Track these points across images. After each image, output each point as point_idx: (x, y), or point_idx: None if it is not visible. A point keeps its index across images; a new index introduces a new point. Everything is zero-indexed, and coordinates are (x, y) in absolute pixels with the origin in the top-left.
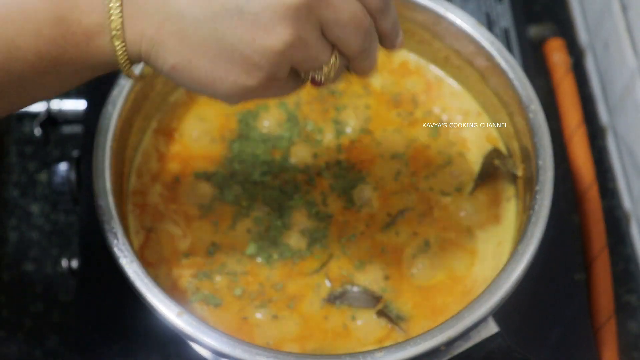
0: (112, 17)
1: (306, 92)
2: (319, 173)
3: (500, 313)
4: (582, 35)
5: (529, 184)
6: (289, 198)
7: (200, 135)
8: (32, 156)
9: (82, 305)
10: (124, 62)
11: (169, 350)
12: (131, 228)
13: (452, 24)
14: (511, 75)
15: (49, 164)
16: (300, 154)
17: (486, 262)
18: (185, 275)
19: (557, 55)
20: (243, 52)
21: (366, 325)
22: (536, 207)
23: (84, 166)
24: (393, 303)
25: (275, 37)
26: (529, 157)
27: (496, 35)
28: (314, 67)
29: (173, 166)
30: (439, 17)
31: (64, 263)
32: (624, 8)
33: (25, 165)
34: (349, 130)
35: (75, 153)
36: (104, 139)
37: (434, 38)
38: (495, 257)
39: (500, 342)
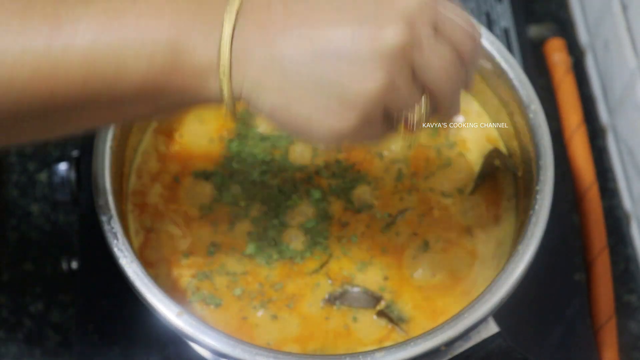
0: (222, 57)
1: None
2: (318, 172)
3: (500, 313)
4: (582, 35)
5: (529, 184)
6: (287, 198)
7: (200, 135)
8: (32, 156)
9: (82, 305)
10: (228, 102)
11: (169, 350)
12: (131, 228)
13: None
14: (511, 75)
15: (49, 164)
16: (299, 154)
17: (486, 262)
18: (185, 275)
19: (557, 55)
20: (340, 94)
21: (366, 325)
22: (536, 207)
23: (84, 166)
24: (393, 303)
25: (372, 79)
26: (529, 157)
27: (496, 35)
28: (407, 108)
29: (173, 166)
30: None
31: (64, 263)
32: (624, 8)
33: (25, 165)
34: None
35: (75, 153)
36: (103, 139)
37: None
38: (495, 257)
39: (500, 342)
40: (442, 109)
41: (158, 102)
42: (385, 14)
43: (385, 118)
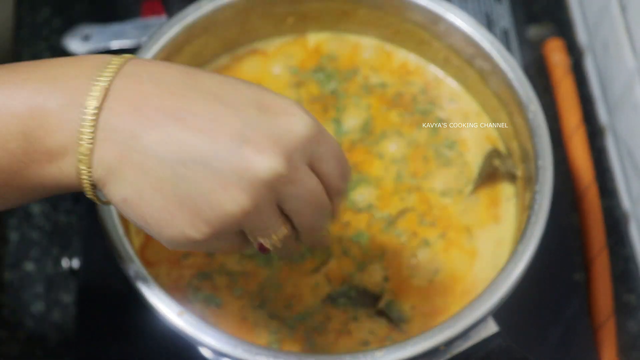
0: (82, 142)
1: (306, 92)
2: None
3: (500, 313)
4: (582, 36)
5: (529, 184)
6: None
7: None
8: None
9: (82, 305)
10: (87, 186)
11: (169, 351)
12: (131, 228)
13: (452, 24)
14: (511, 75)
15: None
16: None
17: (486, 262)
18: (185, 275)
19: (556, 55)
20: (197, 202)
21: (366, 325)
22: (536, 207)
23: None
24: (393, 303)
25: (233, 200)
26: (528, 157)
27: (496, 36)
28: (263, 235)
29: None
30: (439, 17)
31: (65, 263)
32: (623, 8)
33: None
34: (349, 130)
35: None
36: None
37: (434, 38)
38: (495, 257)
39: (500, 342)
40: (304, 237)
41: (21, 189)
42: (267, 137)
43: (240, 235)
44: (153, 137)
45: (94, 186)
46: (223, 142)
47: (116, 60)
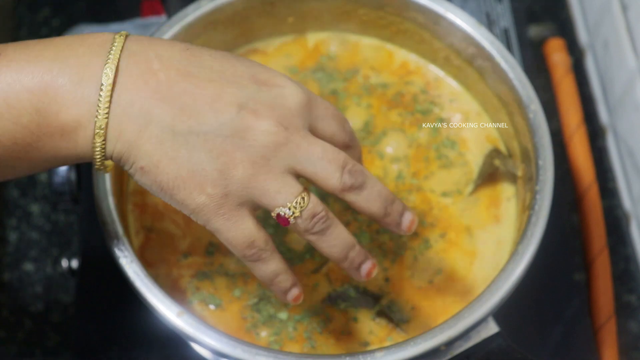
0: (99, 116)
1: None
2: None
3: (500, 313)
4: (582, 35)
5: (529, 184)
6: None
7: None
8: None
9: (82, 305)
10: (99, 157)
11: (169, 350)
12: (131, 228)
13: (452, 24)
14: (511, 75)
15: None
16: None
17: (486, 262)
18: (185, 275)
19: (557, 55)
20: (207, 168)
21: (366, 325)
22: (536, 207)
23: (84, 166)
24: (393, 303)
25: (238, 164)
26: (529, 157)
27: (496, 35)
28: (278, 204)
29: None
30: (439, 17)
31: (64, 263)
32: (624, 8)
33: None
34: None
35: None
36: None
37: (434, 38)
38: (495, 257)
39: (500, 342)
40: (351, 201)
41: (33, 161)
42: (264, 106)
43: (252, 213)
44: (166, 111)
45: (104, 157)
46: (228, 113)
47: (118, 38)
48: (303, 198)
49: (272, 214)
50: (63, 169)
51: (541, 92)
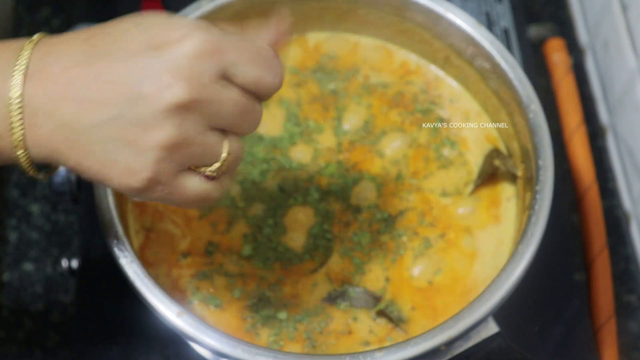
0: (14, 130)
1: (306, 92)
2: (319, 172)
3: (500, 313)
4: (582, 35)
5: (529, 184)
6: (288, 197)
7: None
8: None
9: (82, 305)
10: (27, 167)
11: (169, 350)
12: (131, 228)
13: (452, 24)
14: (511, 75)
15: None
16: (300, 153)
17: (486, 262)
18: (185, 275)
19: (557, 55)
20: (124, 154)
21: (366, 325)
22: (536, 207)
23: None
24: (393, 303)
25: (154, 137)
26: (529, 157)
27: (496, 35)
28: (205, 163)
29: None
30: (439, 17)
31: (64, 263)
32: (624, 8)
33: None
34: (349, 129)
35: None
36: None
37: (434, 38)
38: (495, 257)
39: (500, 342)
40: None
41: None
42: (164, 72)
43: (190, 177)
44: (72, 111)
45: (33, 164)
46: (125, 95)
47: (27, 44)
48: (229, 153)
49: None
50: (63, 168)
51: (541, 92)
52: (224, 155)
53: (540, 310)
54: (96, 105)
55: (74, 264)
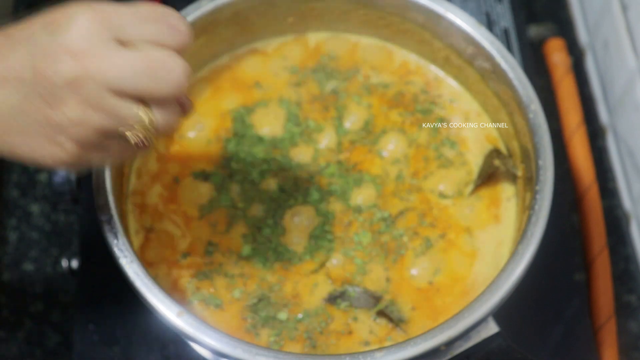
0: None
1: (306, 91)
2: (319, 172)
3: (500, 313)
4: (582, 35)
5: (529, 184)
6: (288, 197)
7: (198, 135)
8: None
9: (82, 305)
10: None
11: (169, 350)
12: (131, 228)
13: (452, 24)
14: (511, 75)
15: None
16: (300, 153)
17: (486, 262)
18: (184, 275)
19: (557, 55)
20: (45, 130)
21: (366, 325)
22: (536, 207)
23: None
24: (393, 303)
25: (63, 111)
26: (529, 157)
27: (496, 35)
28: (124, 127)
29: (172, 167)
30: (439, 17)
31: (64, 263)
32: (624, 8)
33: (25, 165)
34: (349, 129)
35: None
36: None
37: (434, 38)
38: (495, 257)
39: (500, 342)
40: (167, 108)
41: None
42: (57, 47)
43: (117, 140)
44: None
45: None
46: (24, 79)
47: None
48: (145, 113)
49: (123, 136)
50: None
51: (541, 92)
52: (143, 117)
53: (540, 310)
54: (7, 85)
55: (74, 264)
